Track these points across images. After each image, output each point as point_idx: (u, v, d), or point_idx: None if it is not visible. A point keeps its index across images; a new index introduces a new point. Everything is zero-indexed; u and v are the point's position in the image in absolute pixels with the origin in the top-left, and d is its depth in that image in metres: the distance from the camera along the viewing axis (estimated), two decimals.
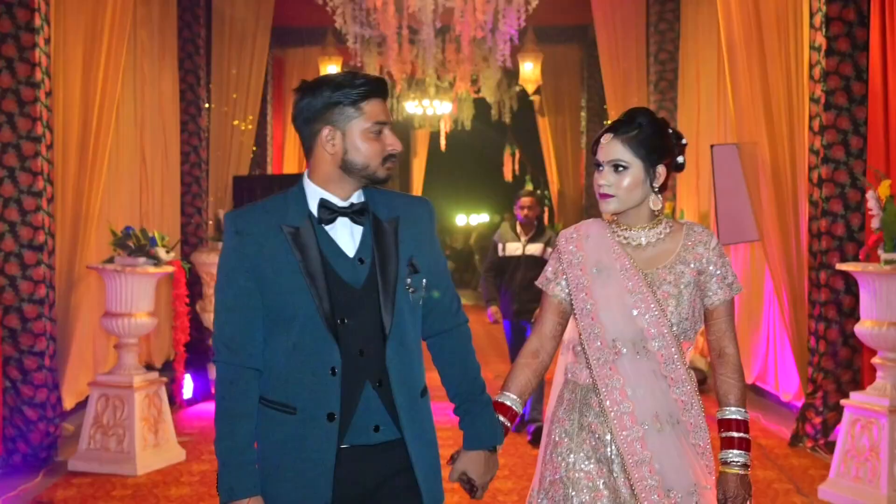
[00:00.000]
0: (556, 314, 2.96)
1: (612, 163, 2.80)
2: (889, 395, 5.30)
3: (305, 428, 2.45)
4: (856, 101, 6.40)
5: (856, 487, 5.34)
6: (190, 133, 9.98)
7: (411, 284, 2.56)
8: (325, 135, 2.48)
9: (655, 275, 2.82)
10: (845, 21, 6.38)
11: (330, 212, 2.51)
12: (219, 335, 2.52)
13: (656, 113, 2.99)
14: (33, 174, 6.15)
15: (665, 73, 10.49)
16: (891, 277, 5.24)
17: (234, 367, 2.48)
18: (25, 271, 6.15)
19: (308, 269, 2.45)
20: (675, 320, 2.79)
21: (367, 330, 2.50)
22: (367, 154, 2.48)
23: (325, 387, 2.44)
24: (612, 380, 2.79)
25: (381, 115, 2.50)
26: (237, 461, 2.45)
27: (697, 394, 2.82)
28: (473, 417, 2.72)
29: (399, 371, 2.51)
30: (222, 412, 2.49)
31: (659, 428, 2.76)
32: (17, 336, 6.14)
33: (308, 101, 2.49)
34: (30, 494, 5.59)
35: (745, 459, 2.76)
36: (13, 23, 6.09)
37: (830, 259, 6.37)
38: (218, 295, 2.54)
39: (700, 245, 2.86)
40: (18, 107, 6.13)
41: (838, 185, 6.41)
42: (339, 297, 2.47)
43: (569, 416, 2.88)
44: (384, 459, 2.52)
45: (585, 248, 2.90)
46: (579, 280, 2.88)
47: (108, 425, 6.15)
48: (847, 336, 6.29)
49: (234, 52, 10.85)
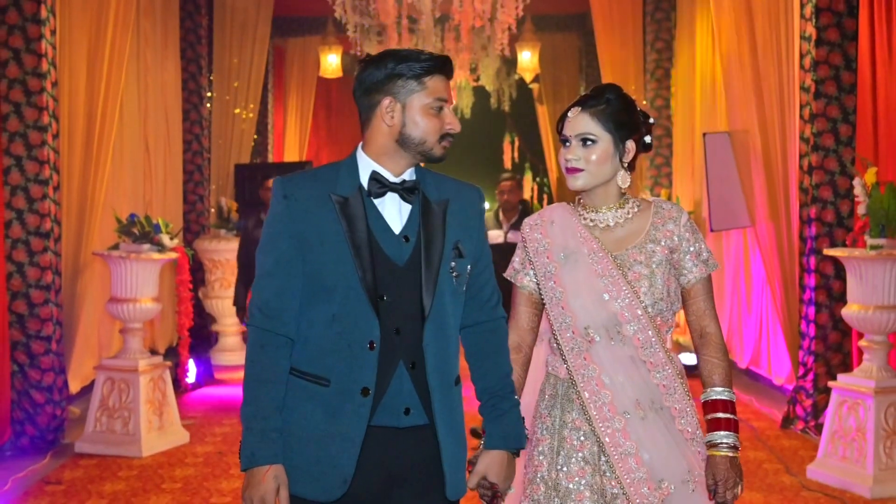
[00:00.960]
0: (529, 305, 2.89)
1: (580, 136, 2.72)
2: (875, 376, 5.44)
3: (337, 401, 2.41)
4: (845, 90, 6.51)
5: (843, 467, 5.49)
6: (192, 122, 10.11)
7: (455, 268, 2.50)
8: (385, 105, 2.44)
9: (626, 256, 2.72)
10: (835, 12, 6.48)
11: (380, 185, 2.47)
12: (255, 299, 2.49)
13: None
14: (40, 163, 6.28)
15: (661, 61, 10.62)
16: (876, 262, 5.38)
17: (266, 332, 2.45)
18: (32, 258, 6.28)
19: (353, 240, 2.41)
20: (649, 301, 2.69)
21: (405, 309, 2.45)
22: (425, 129, 2.45)
23: (362, 360, 2.41)
24: (587, 370, 2.70)
25: (444, 92, 2.46)
26: (260, 427, 2.41)
27: (682, 377, 2.73)
28: (501, 415, 2.62)
29: (435, 354, 2.46)
30: (250, 376, 2.46)
31: (642, 415, 2.66)
32: (24, 321, 6.28)
33: (370, 72, 2.46)
34: (38, 475, 5.73)
35: (733, 441, 2.66)
36: (20, 14, 6.21)
37: (820, 245, 6.49)
38: (259, 258, 2.50)
39: (670, 222, 2.76)
40: (25, 97, 6.25)
41: (828, 172, 6.53)
42: (381, 273, 2.43)
43: (550, 413, 2.80)
44: (411, 444, 2.47)
45: (551, 233, 2.81)
46: (546, 268, 2.79)
47: (113, 408, 6.30)
48: (837, 320, 6.42)
49: (235, 42, 10.99)
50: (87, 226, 6.84)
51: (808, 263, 6.62)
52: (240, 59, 11.05)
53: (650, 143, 2.87)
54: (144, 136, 9.00)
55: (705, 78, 9.38)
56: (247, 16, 10.97)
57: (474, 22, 9.92)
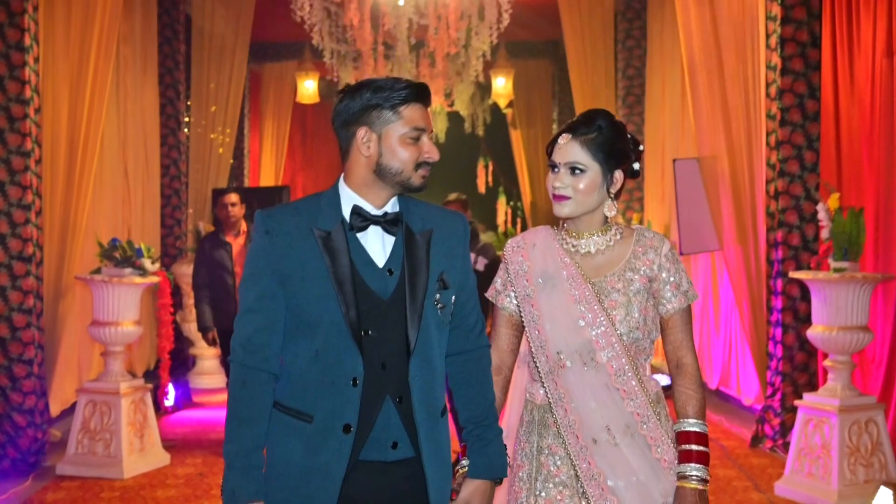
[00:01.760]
0: (510, 327, 2.86)
1: (569, 165, 2.69)
2: (839, 395, 5.62)
3: (319, 438, 2.38)
4: (809, 117, 6.72)
5: (809, 483, 5.66)
6: (170, 146, 10.20)
7: (440, 300, 2.48)
8: (360, 136, 2.42)
9: (604, 283, 2.70)
10: (799, 42, 6.71)
11: (362, 219, 2.44)
12: (237, 335, 2.47)
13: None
14: (23, 188, 6.37)
15: (633, 88, 10.85)
16: (839, 284, 5.56)
17: (249, 368, 2.43)
18: (15, 282, 6.36)
19: (337, 275, 2.38)
20: (624, 330, 2.67)
21: (391, 343, 2.42)
22: (403, 159, 2.42)
23: (345, 397, 2.38)
24: (556, 394, 2.70)
25: (421, 121, 2.44)
26: (242, 464, 2.39)
27: (658, 405, 2.71)
28: (485, 444, 2.61)
29: (421, 388, 2.43)
30: (232, 414, 2.44)
31: (614, 442, 2.65)
32: (6, 344, 6.36)
33: (347, 103, 2.44)
34: (20, 497, 5.79)
35: (703, 474, 2.63)
36: (4, 42, 6.32)
37: (787, 267, 6.68)
38: (242, 293, 2.48)
39: (651, 251, 2.73)
40: (8, 123, 6.35)
41: (793, 197, 6.73)
42: (365, 307, 2.40)
43: (528, 439, 2.79)
44: (398, 478, 2.45)
45: (532, 257, 2.79)
46: (526, 290, 2.78)
47: (95, 430, 6.37)
48: (803, 341, 6.59)
49: (213, 67, 11.10)
50: (68, 250, 6.92)
51: (775, 286, 6.80)
52: (217, 85, 11.16)
53: (638, 171, 2.82)
54: (124, 160, 9.08)
55: (675, 105, 9.60)
56: (224, 42, 11.10)
57: (449, 49, 10.09)
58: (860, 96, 6.32)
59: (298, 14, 9.31)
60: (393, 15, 9.58)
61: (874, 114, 6.17)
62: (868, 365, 6.33)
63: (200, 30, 10.99)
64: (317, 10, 9.72)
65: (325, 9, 9.94)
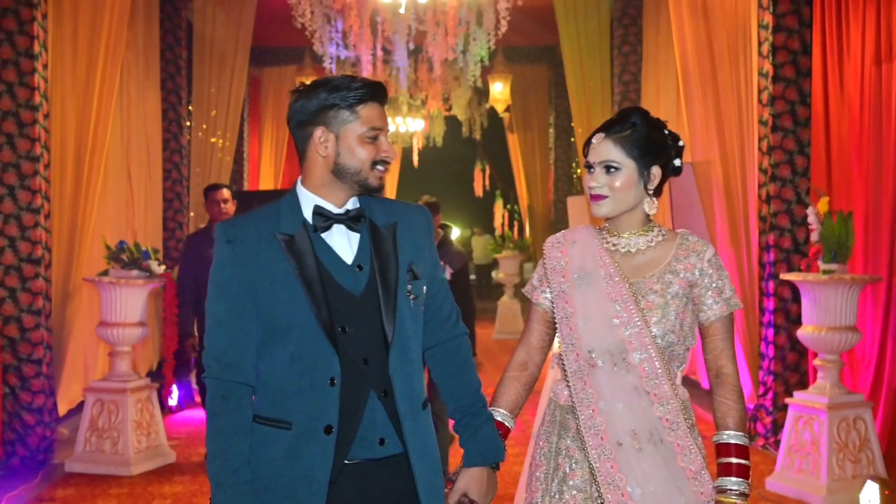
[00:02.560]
0: (543, 324, 2.83)
1: (603, 164, 2.66)
2: (828, 393, 5.78)
3: (300, 442, 2.34)
4: (800, 123, 6.89)
5: (799, 479, 5.81)
6: (172, 150, 10.34)
7: (412, 290, 2.47)
8: (317, 136, 2.40)
9: (642, 283, 2.65)
10: (790, 50, 6.87)
11: (324, 219, 2.42)
12: (210, 350, 2.41)
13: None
14: (32, 192, 6.52)
15: (628, 93, 10.99)
16: (828, 286, 5.72)
17: (226, 382, 2.38)
18: (24, 284, 6.51)
19: (304, 276, 2.36)
20: (659, 332, 2.61)
21: (369, 338, 2.40)
22: (361, 158, 2.40)
23: (324, 398, 2.34)
24: (584, 394, 2.63)
25: (378, 120, 2.42)
26: (231, 481, 2.34)
27: (686, 412, 2.60)
28: (475, 431, 2.61)
29: (402, 381, 2.41)
30: (214, 430, 2.38)
31: (638, 447, 2.56)
32: (16, 345, 6.50)
33: (302, 103, 2.41)
34: (31, 493, 5.93)
35: (743, 488, 2.57)
36: (14, 49, 6.46)
37: (779, 270, 6.84)
38: (209, 308, 2.43)
39: (693, 255, 2.66)
40: (18, 128, 6.49)
41: (785, 201, 6.89)
42: (338, 305, 2.38)
43: (548, 438, 2.76)
44: (387, 476, 2.42)
45: (570, 253, 2.75)
46: (561, 287, 2.73)
47: (103, 428, 6.52)
48: (794, 341, 6.74)
49: (214, 72, 11.25)
50: (76, 253, 7.07)
51: (767, 288, 6.96)
52: (218, 89, 11.30)
53: (680, 167, 2.77)
54: (127, 164, 9.22)
55: (670, 110, 9.74)
56: (225, 47, 11.25)
57: (447, 55, 10.24)
58: (849, 103, 6.49)
59: (299, 20, 9.46)
60: (392, 21, 9.74)
61: (863, 120, 6.34)
62: (858, 364, 6.50)
63: (202, 36, 11.14)
64: (317, 17, 9.87)
65: (325, 15, 10.09)
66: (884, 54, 6.11)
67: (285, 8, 9.62)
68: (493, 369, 10.82)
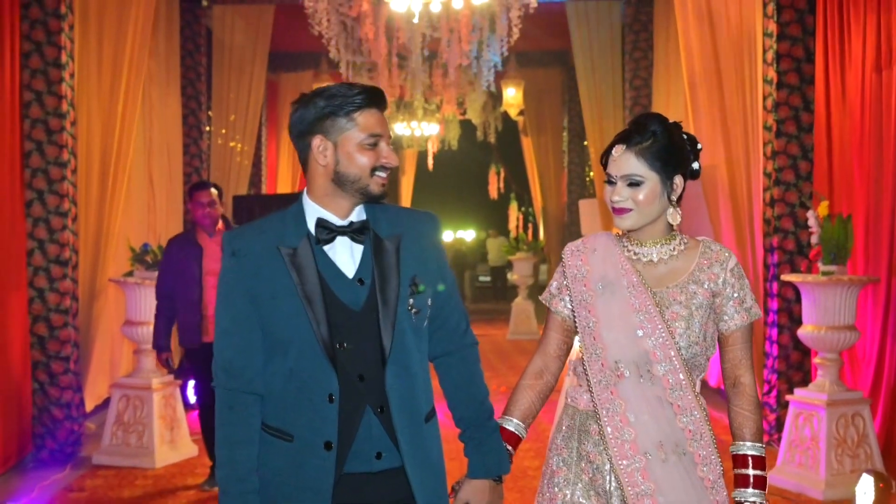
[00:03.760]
0: (560, 332, 2.79)
1: (626, 178, 2.59)
2: (828, 390, 5.96)
3: (302, 456, 2.35)
4: (804, 129, 7.06)
5: (799, 473, 6.00)
6: (192, 155, 10.57)
7: (414, 305, 2.43)
8: (316, 145, 2.38)
9: (665, 294, 2.61)
10: (794, 58, 7.05)
11: (328, 231, 2.40)
12: (217, 359, 2.43)
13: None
14: (60, 196, 6.77)
15: (640, 98, 11.16)
16: (827, 287, 5.91)
17: (233, 391, 2.39)
18: (53, 284, 6.77)
19: (305, 292, 2.35)
20: (684, 344, 2.57)
21: (366, 354, 2.38)
22: (360, 165, 2.37)
23: (323, 414, 2.34)
24: (613, 404, 2.59)
25: (377, 126, 2.39)
26: (238, 490, 2.36)
27: (708, 423, 2.59)
28: (479, 443, 2.57)
29: (399, 396, 2.39)
30: (222, 439, 2.40)
31: (664, 458, 2.54)
32: (45, 343, 6.76)
33: (301, 114, 2.40)
34: (60, 484, 6.20)
35: (760, 499, 2.56)
36: (42, 59, 6.72)
37: (782, 271, 7.01)
38: (216, 316, 2.46)
39: (717, 265, 2.62)
40: (46, 135, 6.75)
41: (788, 204, 7.07)
42: (337, 321, 2.37)
43: (567, 444, 2.71)
44: (386, 488, 2.41)
45: (591, 261, 2.70)
46: (583, 295, 2.68)
47: (129, 423, 6.78)
48: (797, 341, 6.89)
49: (233, 78, 11.52)
50: (102, 254, 7.34)
51: (771, 289, 7.14)
52: (237, 95, 11.57)
53: (698, 170, 2.72)
54: (149, 169, 9.48)
55: (679, 114, 9.92)
56: (244, 53, 11.53)
57: (461, 60, 10.46)
58: (851, 109, 6.67)
59: (316, 28, 9.70)
60: (407, 29, 9.96)
61: (864, 125, 6.52)
62: (858, 363, 6.68)
63: (221, 42, 11.41)
64: (334, 25, 10.10)
65: (341, 23, 10.33)
66: (884, 61, 6.29)
67: (302, 14, 9.86)
68: (507, 369, 11.04)
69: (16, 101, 6.66)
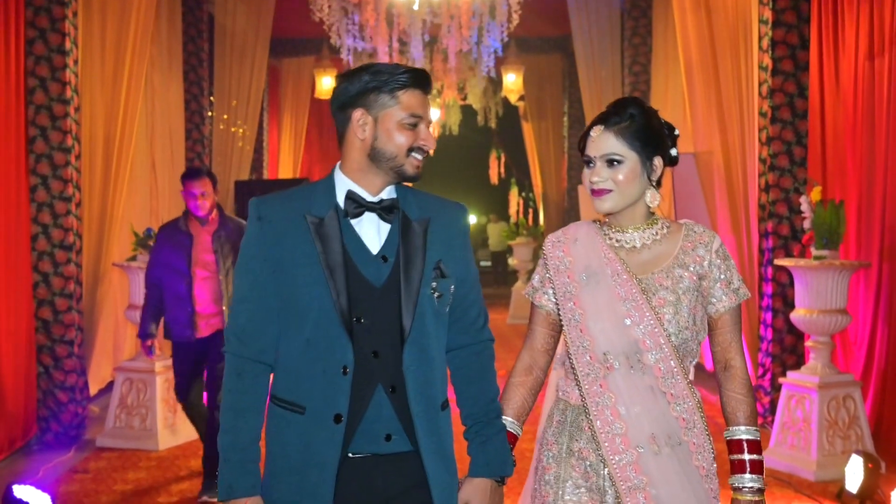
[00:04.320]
0: (546, 326, 2.72)
1: (605, 157, 2.55)
2: (819, 373, 6.06)
3: (311, 428, 2.33)
4: (798, 115, 7.14)
5: (791, 454, 6.10)
6: (194, 140, 10.68)
7: (437, 289, 2.42)
8: (356, 118, 2.37)
9: (651, 280, 2.55)
10: (789, 45, 7.12)
11: (357, 205, 2.39)
12: (231, 325, 2.42)
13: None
14: (64, 181, 6.86)
15: (638, 84, 11.25)
16: (819, 271, 6.00)
17: (243, 359, 2.38)
18: (57, 268, 6.86)
19: (328, 261, 2.33)
20: (674, 330, 2.51)
21: (383, 331, 2.36)
22: (398, 144, 2.36)
23: (335, 386, 2.32)
24: (602, 398, 2.53)
25: (419, 107, 2.38)
26: (238, 458, 2.35)
27: (701, 411, 2.54)
28: (484, 442, 2.53)
29: (417, 378, 2.36)
30: (227, 405, 2.38)
31: (656, 450, 2.48)
32: (49, 327, 6.86)
33: (345, 86, 2.39)
34: (65, 466, 6.31)
35: (759, 484, 2.50)
36: (46, 46, 6.80)
37: (777, 256, 7.10)
38: (235, 281, 2.44)
39: (701, 247, 2.57)
40: (51, 121, 6.84)
41: (783, 190, 7.15)
42: (357, 295, 2.35)
43: (557, 440, 2.64)
44: (396, 471, 2.38)
45: (573, 252, 2.64)
46: (567, 287, 2.62)
47: (132, 406, 6.88)
48: (791, 325, 6.99)
49: (234, 64, 11.59)
50: (105, 239, 7.45)
51: (766, 273, 7.24)
52: (238, 80, 11.65)
53: (676, 157, 2.67)
54: (151, 154, 9.57)
55: (678, 101, 10.00)
56: (245, 39, 11.60)
57: (461, 46, 10.53)
58: (844, 96, 6.74)
59: (317, 15, 9.77)
60: (407, 15, 10.03)
61: (857, 112, 6.60)
62: (850, 346, 6.78)
63: (223, 28, 11.49)
64: (335, 11, 10.17)
65: (342, 9, 10.39)
66: (876, 50, 6.36)
67: (304, 0, 9.93)
68: (506, 353, 11.11)
69: (20, 87, 6.74)
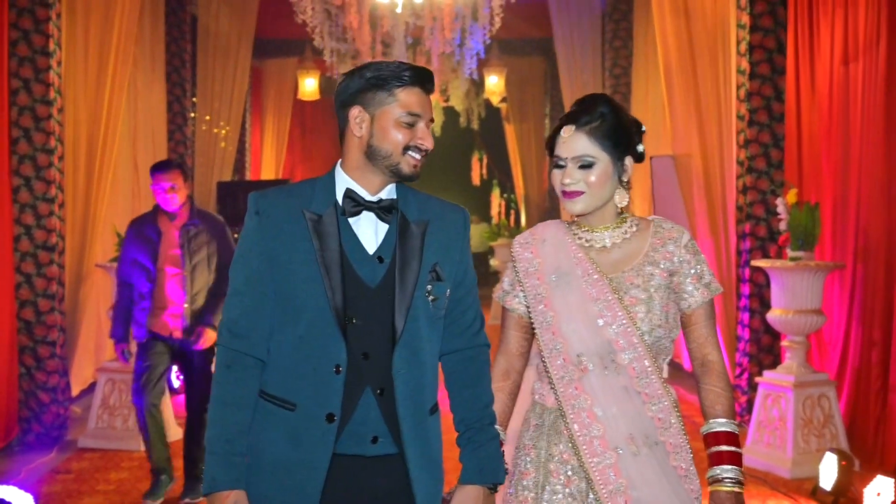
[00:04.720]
0: (519, 329, 2.69)
1: (577, 159, 2.51)
2: (795, 372, 6.15)
3: (303, 426, 2.31)
4: (775, 118, 7.23)
5: (767, 452, 6.20)
6: (177, 142, 10.70)
7: (432, 292, 2.39)
8: (353, 116, 2.36)
9: (622, 279, 2.52)
10: (766, 49, 7.21)
11: (355, 204, 2.37)
12: (224, 317, 2.41)
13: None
14: (47, 182, 6.88)
15: (619, 86, 11.35)
16: (795, 272, 6.09)
17: (234, 352, 2.37)
18: (40, 269, 6.88)
19: (324, 259, 2.32)
20: (647, 328, 2.49)
21: (376, 332, 2.34)
22: (393, 142, 2.34)
23: (328, 385, 2.30)
24: (578, 400, 2.50)
25: (417, 106, 2.36)
26: (224, 451, 2.33)
27: (677, 410, 2.51)
28: (477, 448, 2.48)
29: (406, 381, 2.34)
30: (215, 398, 2.37)
31: (635, 451, 2.45)
32: (31, 327, 6.88)
33: (346, 84, 2.39)
34: (47, 466, 6.32)
35: (737, 475, 2.47)
36: (30, 48, 6.82)
37: (754, 257, 7.19)
38: (231, 274, 2.43)
39: (670, 242, 2.55)
40: (34, 122, 6.86)
41: (760, 192, 7.24)
42: (351, 294, 2.33)
43: (535, 444, 2.60)
44: (381, 474, 2.36)
45: (542, 253, 2.61)
46: (537, 290, 2.59)
47: (114, 406, 6.91)
48: (768, 325, 7.09)
49: (217, 65, 11.62)
50: (88, 240, 7.47)
51: (743, 274, 7.33)
52: (221, 82, 11.68)
53: (643, 154, 2.63)
54: (134, 156, 9.58)
55: (658, 103, 10.08)
56: (228, 40, 11.64)
57: (444, 48, 10.59)
58: (819, 100, 6.84)
59: (300, 17, 9.81)
60: (390, 17, 10.09)
61: (832, 116, 6.70)
62: (825, 346, 6.87)
63: (206, 29, 11.51)
64: (318, 13, 10.22)
65: (325, 11, 10.44)
66: (851, 55, 6.46)
67: (287, 1, 9.96)
68: None
69: (3, 88, 6.76)
